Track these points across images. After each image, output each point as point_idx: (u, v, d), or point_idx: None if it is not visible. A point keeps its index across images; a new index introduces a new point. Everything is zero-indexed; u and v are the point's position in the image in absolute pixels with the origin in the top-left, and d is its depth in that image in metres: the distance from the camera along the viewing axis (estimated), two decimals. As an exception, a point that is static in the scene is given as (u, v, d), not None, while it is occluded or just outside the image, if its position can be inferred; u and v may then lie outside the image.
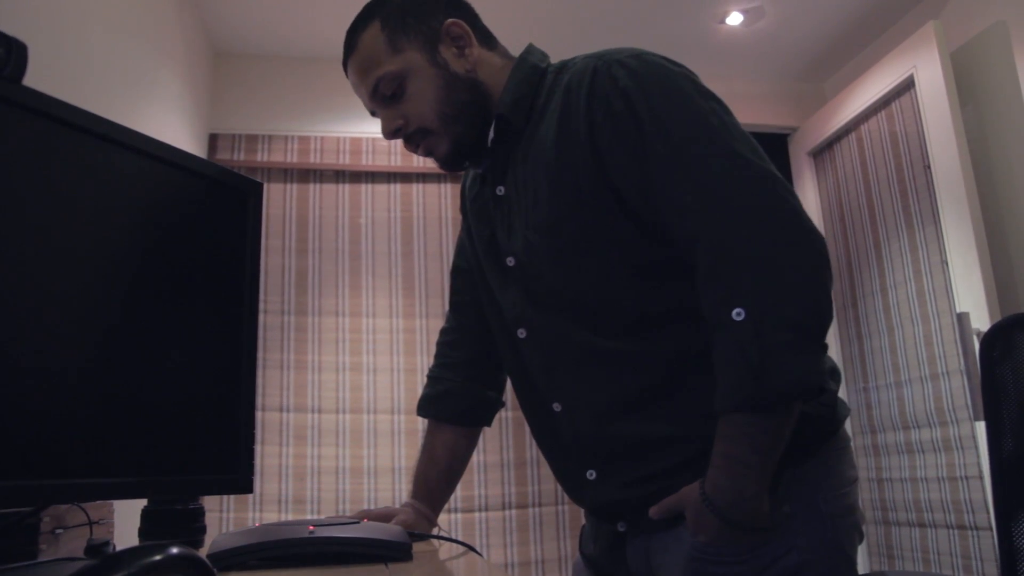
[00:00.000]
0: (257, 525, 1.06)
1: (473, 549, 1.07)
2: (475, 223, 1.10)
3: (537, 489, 2.75)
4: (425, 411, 1.24)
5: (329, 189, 2.92)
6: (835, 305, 3.03)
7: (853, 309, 2.95)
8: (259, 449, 2.62)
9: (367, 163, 2.91)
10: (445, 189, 2.98)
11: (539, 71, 1.02)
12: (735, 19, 2.86)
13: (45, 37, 1.48)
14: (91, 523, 1.02)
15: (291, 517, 2.58)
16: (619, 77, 0.90)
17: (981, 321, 2.27)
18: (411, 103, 1.00)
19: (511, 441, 2.78)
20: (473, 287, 1.16)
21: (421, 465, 1.22)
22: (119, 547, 0.68)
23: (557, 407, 0.99)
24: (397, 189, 2.96)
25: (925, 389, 2.54)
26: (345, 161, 2.90)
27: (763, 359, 0.77)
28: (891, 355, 2.72)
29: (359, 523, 1.00)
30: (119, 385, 0.73)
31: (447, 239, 2.93)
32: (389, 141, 1.07)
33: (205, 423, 0.83)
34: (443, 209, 2.97)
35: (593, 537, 1.07)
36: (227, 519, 2.57)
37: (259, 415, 2.64)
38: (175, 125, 2.44)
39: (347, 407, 2.71)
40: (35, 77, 0.71)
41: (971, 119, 2.55)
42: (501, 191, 1.02)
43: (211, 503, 2.53)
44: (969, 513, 2.34)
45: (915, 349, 2.59)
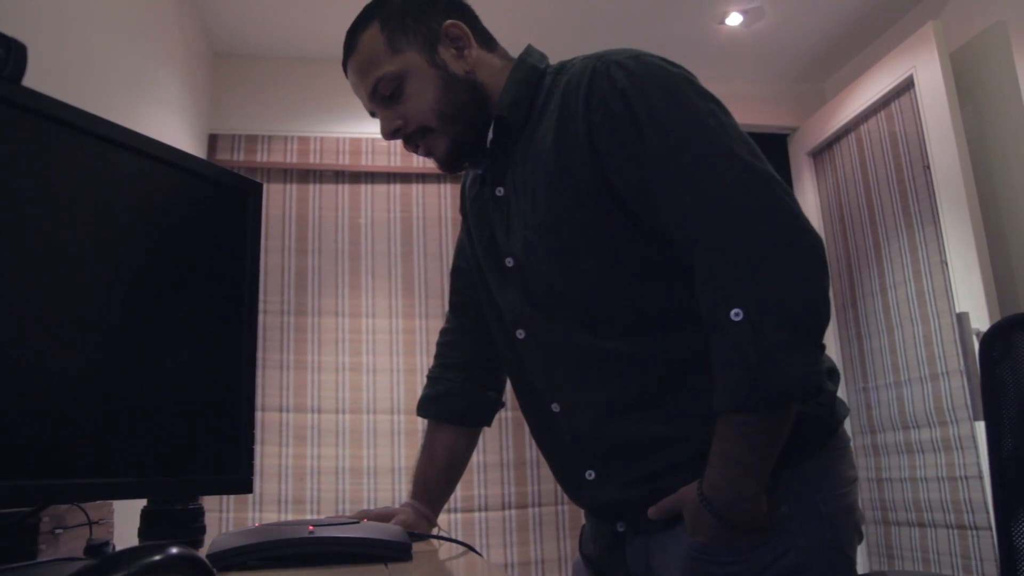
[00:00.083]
0: (257, 525, 1.06)
1: (473, 549, 1.07)
2: (474, 224, 1.10)
3: (537, 489, 2.75)
4: (425, 411, 1.24)
5: (329, 189, 2.92)
6: (835, 305, 3.04)
7: (853, 309, 2.95)
8: (259, 449, 2.62)
9: (367, 163, 2.91)
10: (445, 189, 2.98)
11: (538, 72, 1.02)
12: (735, 19, 2.87)
13: (45, 38, 1.48)
14: (91, 523, 1.02)
15: (291, 517, 2.58)
16: (617, 78, 0.90)
17: (981, 321, 2.27)
18: (410, 103, 1.00)
19: (511, 441, 2.78)
20: (473, 288, 1.16)
21: (421, 465, 1.22)
22: (119, 547, 0.68)
23: (556, 407, 0.99)
24: (397, 189, 2.96)
25: (925, 389, 2.54)
26: (345, 161, 2.90)
27: (761, 359, 0.78)
28: (891, 355, 2.72)
29: (359, 523, 1.01)
30: (119, 385, 0.73)
31: (447, 239, 2.93)
32: (389, 142, 1.07)
33: (205, 423, 0.83)
34: (443, 209, 2.97)
35: (593, 537, 1.07)
36: (227, 519, 2.57)
37: (259, 415, 2.65)
38: (175, 126, 2.44)
39: (347, 407, 2.72)
40: (35, 78, 0.71)
41: (971, 119, 2.55)
42: (500, 192, 1.02)
43: (211, 503, 2.53)
44: (969, 513, 2.34)
45: (915, 349, 2.59)
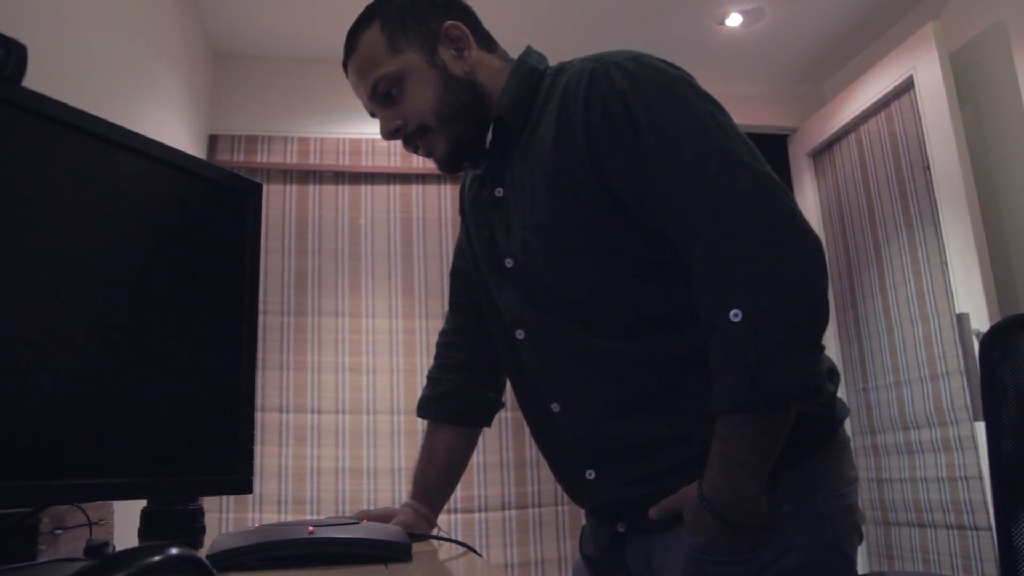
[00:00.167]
0: (257, 526, 1.06)
1: (473, 549, 1.07)
2: (473, 224, 1.10)
3: (537, 489, 2.75)
4: (424, 412, 1.24)
5: (329, 190, 2.92)
6: (835, 306, 3.04)
7: (853, 310, 2.95)
8: (259, 450, 2.62)
9: (367, 164, 2.91)
10: (445, 190, 2.98)
11: (537, 73, 1.02)
12: (735, 20, 2.87)
13: (45, 38, 1.48)
14: (90, 524, 1.02)
15: (290, 518, 2.58)
16: (616, 79, 0.90)
17: (980, 322, 2.27)
18: (409, 103, 1.00)
19: (511, 442, 2.78)
20: (472, 288, 1.16)
21: (420, 466, 1.22)
22: (119, 548, 0.68)
23: (556, 407, 0.99)
24: (396, 190, 2.96)
25: (925, 390, 2.54)
26: (345, 162, 2.90)
27: (760, 360, 0.78)
28: (891, 356, 2.72)
29: (358, 524, 1.01)
30: (119, 386, 0.73)
31: (447, 240, 2.93)
32: (388, 142, 1.07)
33: (205, 424, 0.83)
34: (443, 210, 2.97)
35: (593, 537, 1.07)
36: (226, 520, 2.57)
37: (259, 416, 2.64)
38: (175, 126, 2.44)
39: (347, 408, 2.72)
40: (35, 78, 0.71)
41: (970, 120, 2.55)
42: (499, 192, 1.02)
43: (210, 504, 2.53)
44: (969, 513, 2.34)
45: (915, 350, 2.59)
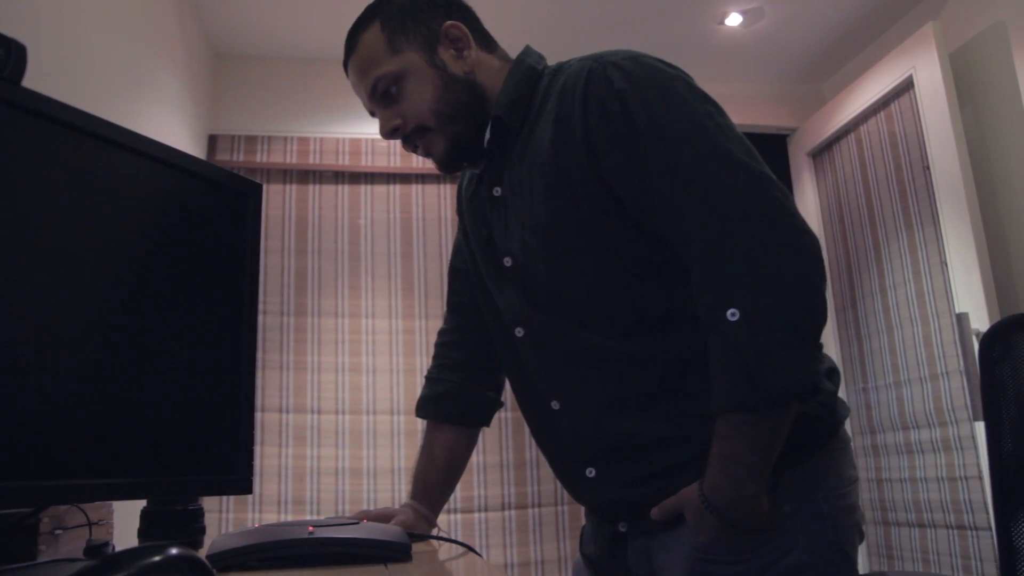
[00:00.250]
0: (256, 526, 1.06)
1: (472, 550, 1.07)
2: (471, 224, 1.10)
3: (537, 490, 2.75)
4: (424, 412, 1.24)
5: (328, 190, 2.92)
6: (835, 306, 3.04)
7: (853, 310, 2.95)
8: (258, 450, 2.62)
9: (366, 164, 2.91)
10: (444, 190, 2.98)
11: (535, 73, 1.02)
12: (734, 20, 2.87)
13: (44, 38, 1.48)
14: (90, 524, 1.02)
15: (290, 518, 2.58)
16: (614, 79, 0.90)
17: (980, 321, 2.27)
18: (409, 103, 1.00)
19: (510, 442, 2.78)
20: (470, 288, 1.16)
21: (420, 466, 1.22)
22: (118, 548, 0.68)
23: (555, 405, 0.99)
24: (396, 190, 2.96)
25: (924, 389, 2.54)
26: (344, 162, 2.90)
27: (758, 359, 0.78)
28: (891, 356, 2.72)
29: (358, 524, 1.01)
30: (119, 386, 0.73)
31: (446, 240, 2.93)
32: (388, 142, 1.08)
33: (204, 424, 0.83)
34: (442, 210, 2.97)
35: (593, 537, 1.07)
36: (226, 520, 2.57)
37: (258, 416, 2.64)
38: (174, 126, 2.44)
39: (346, 408, 2.71)
40: (34, 78, 0.71)
41: (970, 120, 2.55)
42: (498, 192, 1.02)
43: (210, 504, 2.53)
44: (968, 513, 2.34)
45: (914, 350, 2.59)
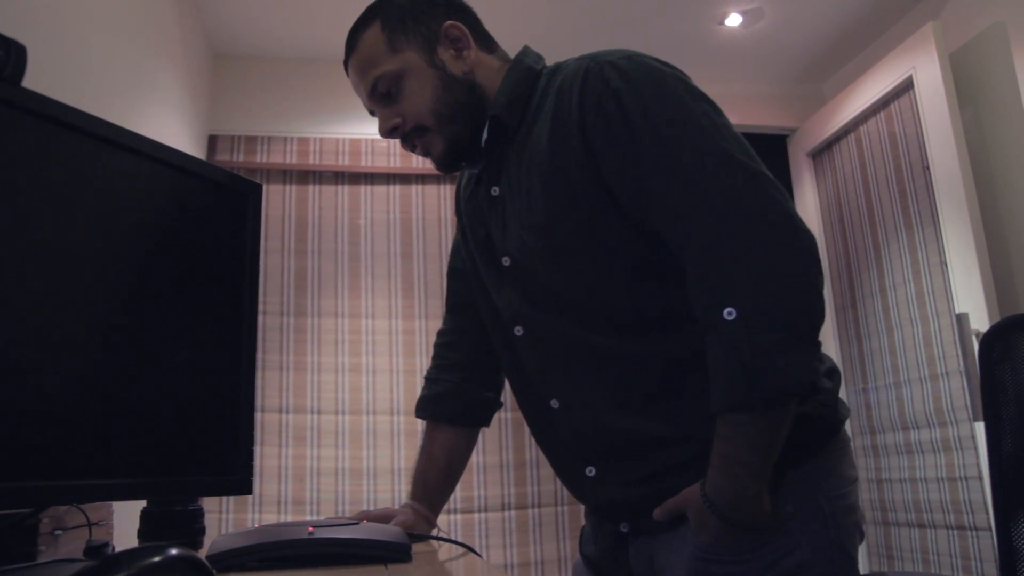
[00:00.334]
0: (256, 526, 1.06)
1: (472, 550, 1.07)
2: (470, 224, 1.10)
3: (536, 490, 2.75)
4: (423, 412, 1.24)
5: (328, 190, 2.92)
6: (835, 306, 3.04)
7: (852, 310, 2.95)
8: (258, 450, 2.62)
9: (366, 164, 2.91)
10: (444, 190, 2.98)
11: (534, 73, 1.02)
12: (734, 20, 2.87)
13: (44, 39, 1.48)
14: (90, 524, 1.02)
15: (290, 518, 2.58)
16: (611, 78, 0.90)
17: (980, 322, 2.27)
18: (408, 102, 1.01)
19: (510, 442, 2.78)
20: (469, 289, 1.16)
21: (420, 466, 1.22)
22: (118, 548, 0.68)
23: (555, 403, 0.99)
24: (396, 190, 2.96)
25: (924, 390, 2.54)
26: (344, 162, 2.90)
27: (755, 358, 0.78)
28: (890, 356, 2.72)
29: (358, 524, 1.01)
30: (118, 386, 0.73)
31: (446, 240, 2.93)
32: (388, 142, 1.08)
33: (204, 424, 0.83)
34: (442, 210, 2.97)
35: (594, 538, 1.07)
36: (226, 520, 2.57)
37: (258, 416, 2.64)
38: (174, 127, 2.44)
39: (346, 408, 2.71)
40: (34, 79, 0.71)
41: (970, 120, 2.55)
42: (496, 192, 1.02)
43: (210, 504, 2.53)
44: (968, 514, 2.34)
45: (914, 350, 2.59)
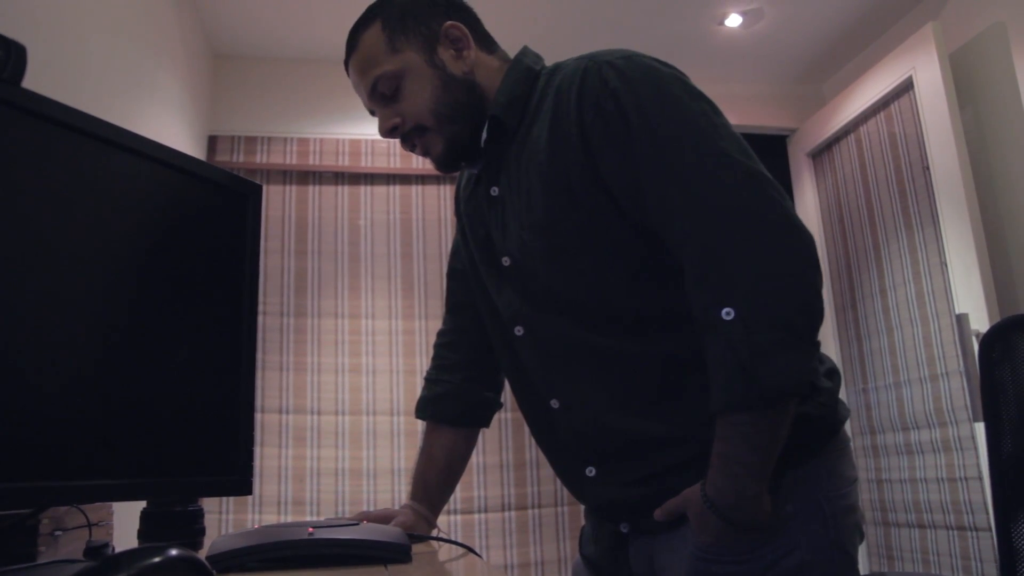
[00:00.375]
0: (256, 527, 1.06)
1: (472, 550, 1.07)
2: (469, 224, 1.10)
3: (536, 491, 2.75)
4: (423, 413, 1.24)
5: (328, 191, 2.92)
6: (835, 306, 3.04)
7: (852, 310, 2.95)
8: (258, 451, 2.62)
9: (366, 165, 2.91)
10: (444, 191, 2.98)
11: (533, 73, 1.03)
12: (734, 21, 2.87)
13: (44, 39, 1.48)
14: (90, 525, 1.01)
15: (290, 519, 2.57)
16: (609, 78, 0.90)
17: (980, 322, 2.27)
18: (407, 102, 1.01)
19: (510, 442, 2.78)
20: (468, 289, 1.16)
21: (420, 467, 1.22)
22: (118, 549, 0.68)
23: (555, 403, 0.99)
24: (396, 191, 2.96)
25: (924, 390, 2.54)
26: (344, 163, 2.90)
27: (753, 358, 0.78)
28: (890, 356, 2.72)
29: (358, 525, 1.00)
30: (118, 387, 0.73)
31: (446, 241, 2.93)
32: (388, 143, 1.08)
33: (204, 425, 0.83)
34: (442, 211, 2.97)
35: (594, 538, 1.07)
36: (226, 521, 2.57)
37: (258, 416, 2.64)
38: (174, 127, 2.44)
39: (346, 409, 2.71)
40: (34, 79, 0.71)
41: (970, 120, 2.55)
42: (495, 192, 1.02)
43: (210, 505, 2.53)
44: (968, 514, 2.34)
45: (914, 350, 2.59)
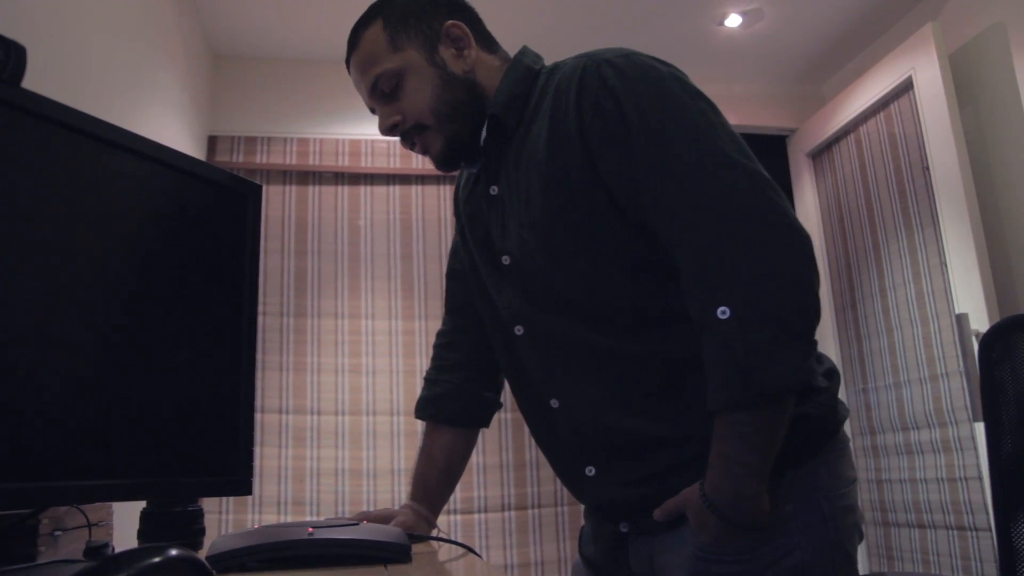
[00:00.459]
0: (256, 527, 1.06)
1: (472, 551, 1.07)
2: (469, 223, 1.10)
3: (536, 491, 2.75)
4: (423, 413, 1.24)
5: (328, 191, 2.92)
6: (834, 306, 3.04)
7: (852, 311, 2.95)
8: (258, 451, 2.62)
9: (366, 165, 2.91)
10: (444, 191, 2.98)
11: (532, 72, 1.03)
12: (734, 21, 2.87)
13: (44, 40, 1.48)
14: (90, 525, 1.01)
15: (290, 519, 2.57)
16: (607, 77, 0.90)
17: (980, 322, 2.27)
18: (408, 100, 1.01)
19: (510, 443, 2.78)
20: (468, 289, 1.16)
21: (420, 467, 1.22)
22: (118, 549, 0.68)
23: (555, 403, 0.99)
24: (396, 191, 2.96)
25: (924, 390, 2.54)
26: (344, 163, 2.90)
27: (748, 356, 0.78)
28: (890, 356, 2.72)
29: (358, 525, 1.00)
30: (118, 387, 0.73)
31: (446, 241, 2.93)
32: (388, 143, 1.08)
33: (204, 425, 0.83)
34: (442, 211, 2.97)
35: (593, 538, 1.07)
36: (226, 521, 2.57)
37: (258, 417, 2.64)
38: (174, 127, 2.44)
39: (346, 409, 2.71)
40: (34, 79, 0.71)
41: (970, 120, 2.55)
42: (495, 191, 1.02)
43: (210, 505, 2.53)
44: (968, 514, 2.34)
45: (914, 350, 2.59)
